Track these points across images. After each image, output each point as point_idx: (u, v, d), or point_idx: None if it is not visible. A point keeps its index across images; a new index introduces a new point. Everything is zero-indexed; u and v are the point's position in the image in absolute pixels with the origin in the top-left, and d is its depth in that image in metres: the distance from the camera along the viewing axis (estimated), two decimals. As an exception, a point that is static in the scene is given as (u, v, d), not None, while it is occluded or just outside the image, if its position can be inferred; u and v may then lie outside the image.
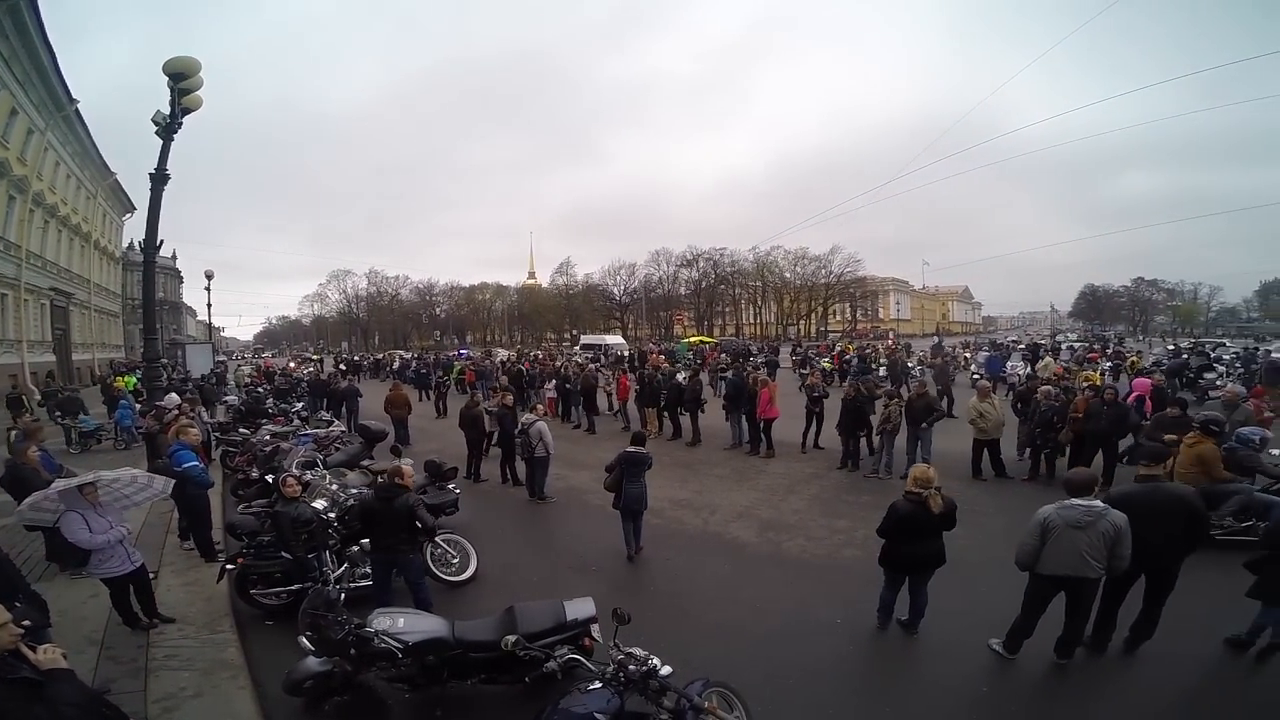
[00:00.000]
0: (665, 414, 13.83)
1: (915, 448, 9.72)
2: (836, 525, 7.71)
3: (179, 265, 62.29)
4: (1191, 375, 17.56)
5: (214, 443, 10.99)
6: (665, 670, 3.32)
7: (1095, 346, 29.20)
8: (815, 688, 4.40)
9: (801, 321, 76.42)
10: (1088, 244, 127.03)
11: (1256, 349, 22.61)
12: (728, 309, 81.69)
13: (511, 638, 3.60)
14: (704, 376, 16.64)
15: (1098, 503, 4.23)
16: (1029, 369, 18.52)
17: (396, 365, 31.50)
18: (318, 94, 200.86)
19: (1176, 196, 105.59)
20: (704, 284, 76.96)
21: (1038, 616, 4.48)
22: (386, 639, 3.84)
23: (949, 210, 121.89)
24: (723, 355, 27.19)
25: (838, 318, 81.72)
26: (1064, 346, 30.40)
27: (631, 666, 3.25)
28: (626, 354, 30.08)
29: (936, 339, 46.24)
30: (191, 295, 66.08)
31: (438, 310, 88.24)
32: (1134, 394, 10.38)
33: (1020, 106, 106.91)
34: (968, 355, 26.85)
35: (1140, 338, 55.85)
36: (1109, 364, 20.89)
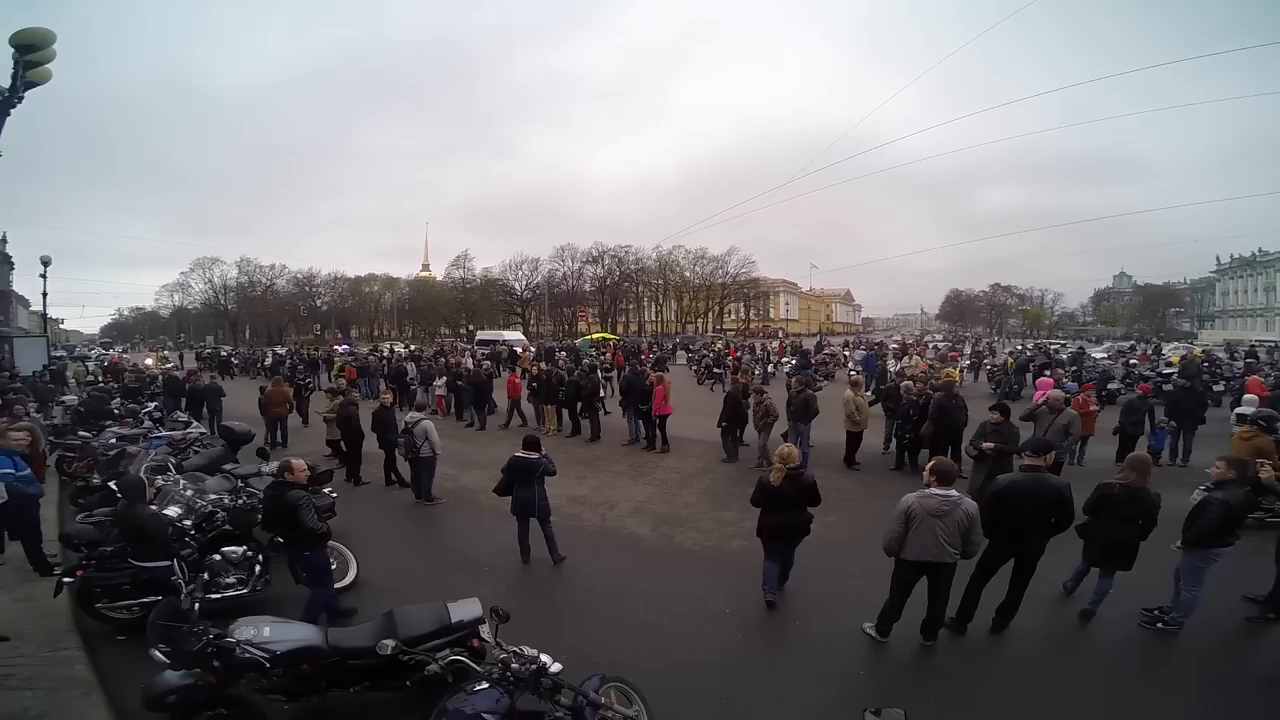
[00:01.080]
0: (565, 411, 13.78)
1: (796, 440, 10.25)
2: (724, 517, 8.01)
3: (9, 250, 54.08)
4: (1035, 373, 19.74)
5: (49, 447, 9.67)
6: (556, 667, 3.30)
7: (956, 346, 32.33)
8: (709, 677, 4.53)
9: (699, 320, 78.63)
10: (955, 251, 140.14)
11: (1083, 350, 26.07)
12: (631, 306, 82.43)
13: (389, 642, 3.46)
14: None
15: (954, 492, 4.55)
16: (897, 367, 20.14)
17: (269, 361, 29.09)
18: (201, 68, 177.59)
19: (1031, 209, 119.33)
20: (609, 281, 77.06)
21: (904, 600, 4.76)
22: (251, 649, 3.60)
23: (836, 217, 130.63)
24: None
25: (732, 317, 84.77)
26: (930, 346, 33.34)
27: (516, 665, 3.20)
28: (524, 351, 29.59)
29: (819, 338, 49.09)
30: (24, 283, 57.29)
31: (318, 302, 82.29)
32: (1040, 393, 10.65)
33: (902, 123, 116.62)
34: (847, 354, 28.81)
35: (997, 339, 62.37)
36: (968, 363, 23.20)
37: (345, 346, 41.78)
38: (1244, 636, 5.07)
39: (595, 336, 47.25)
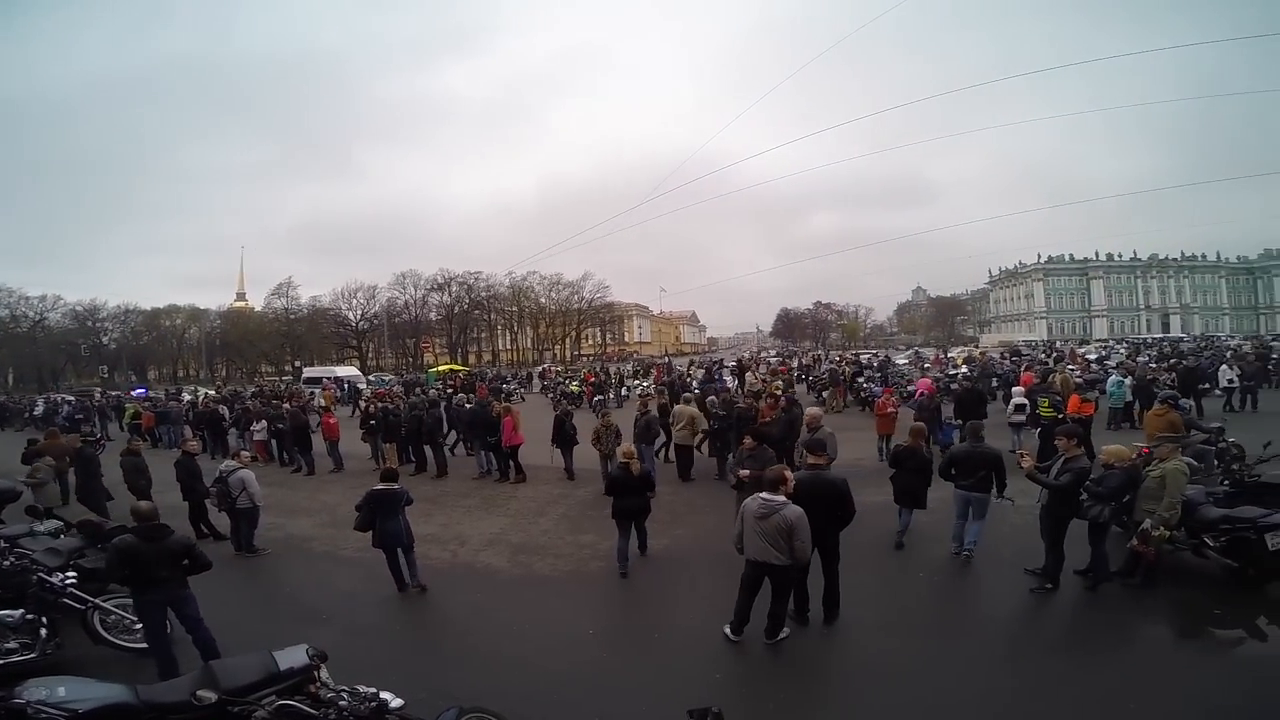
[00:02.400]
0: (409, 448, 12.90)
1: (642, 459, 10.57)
2: (583, 540, 8.00)
3: None
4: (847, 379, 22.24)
5: None
6: (396, 703, 3.20)
7: (785, 361, 35.45)
8: (577, 698, 4.49)
9: (556, 346, 78.56)
10: (785, 272, 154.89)
11: (889, 358, 29.92)
12: (483, 335, 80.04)
13: (208, 693, 3.19)
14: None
15: (778, 497, 4.76)
16: (736, 383, 21.58)
17: (39, 409, 24.22)
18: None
19: (847, 231, 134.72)
20: (457, 309, 74.16)
21: (751, 598, 4.97)
22: (46, 709, 3.20)
23: (682, 242, 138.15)
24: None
25: (589, 341, 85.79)
26: (763, 362, 36.18)
27: (347, 703, 3.08)
28: (361, 387, 27.55)
29: (665, 359, 51.06)
30: None
31: (104, 339, 69.95)
32: (919, 391, 13.63)
33: (741, 152, 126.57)
34: (690, 373, 30.38)
35: (821, 352, 69.24)
36: (797, 375, 25.59)
37: (142, 390, 35.79)
38: (1035, 607, 5.68)
39: (443, 368, 45.24)
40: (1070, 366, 20.50)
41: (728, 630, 5.13)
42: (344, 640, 5.23)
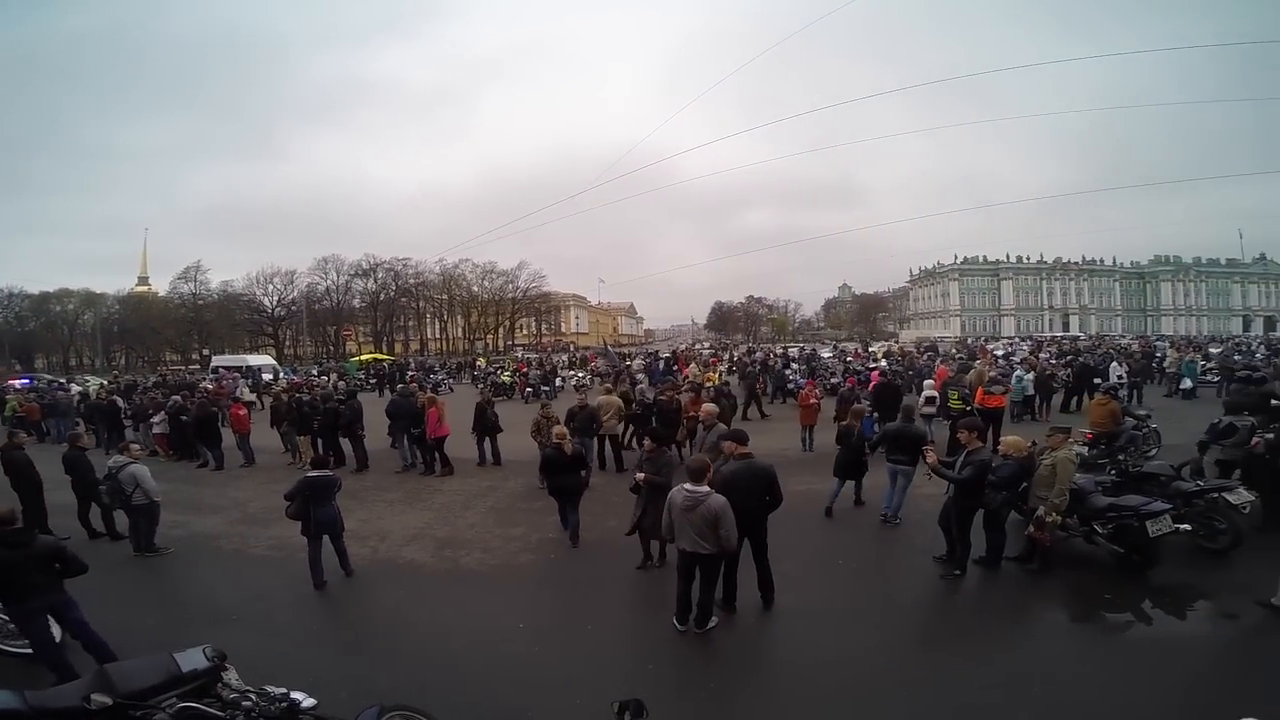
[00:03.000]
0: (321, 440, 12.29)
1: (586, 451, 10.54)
2: (512, 534, 7.86)
3: None
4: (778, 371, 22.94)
5: None
6: (309, 702, 3.08)
7: (718, 353, 36.18)
8: (508, 691, 4.41)
9: (489, 336, 76.93)
10: (720, 266, 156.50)
11: (815, 352, 31.07)
12: (410, 324, 77.32)
13: (102, 697, 3.00)
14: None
15: (702, 488, 4.84)
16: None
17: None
18: None
19: (780, 228, 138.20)
20: (383, 296, 71.19)
21: (688, 587, 5.03)
22: None
23: (622, 234, 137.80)
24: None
25: (524, 332, 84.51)
26: (698, 354, 36.80)
27: (253, 703, 2.98)
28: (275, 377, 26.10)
29: (606, 349, 50.99)
30: None
31: (-20, 325, 63.09)
32: (872, 382, 14.46)
33: (682, 145, 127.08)
34: (630, 364, 30.50)
35: (752, 345, 71.01)
36: (724, 368, 26.21)
37: (26, 380, 32.43)
38: (946, 593, 5.98)
39: (366, 357, 43.47)
40: (977, 362, 21.86)
41: (675, 621, 5.15)
42: (258, 641, 4.99)
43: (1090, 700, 4.13)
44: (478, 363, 37.46)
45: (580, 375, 25.91)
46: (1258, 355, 24.97)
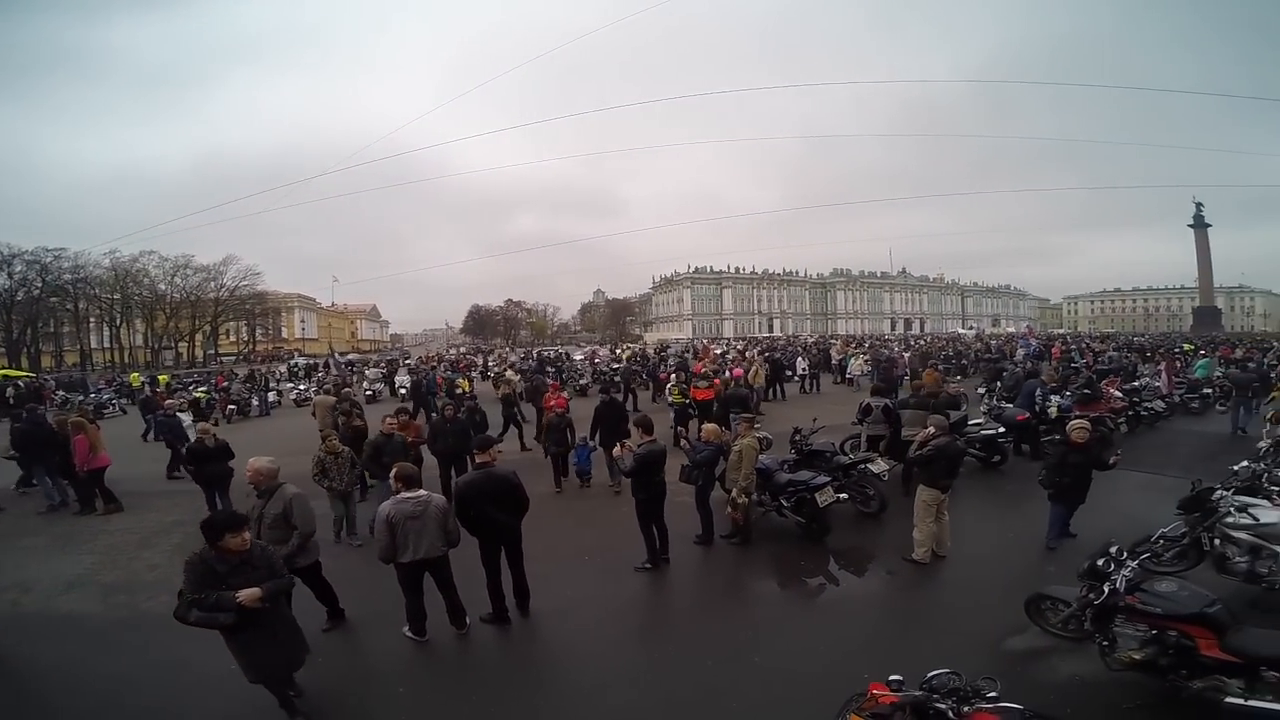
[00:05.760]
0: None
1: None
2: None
3: None
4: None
5: None
6: None
7: (471, 357, 35.25)
8: None
9: (184, 343, 63.37)
10: (480, 269, 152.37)
11: (568, 355, 32.09)
12: (65, 330, 59.77)
13: None
14: None
15: (424, 492, 4.83)
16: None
17: None
18: None
19: (542, 233, 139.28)
20: (21, 295, 53.49)
21: (420, 596, 4.90)
22: None
23: (369, 230, 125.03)
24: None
25: (231, 338, 71.68)
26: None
27: None
28: None
29: (333, 357, 45.10)
30: None
31: None
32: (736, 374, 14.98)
33: (428, 140, 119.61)
34: (367, 372, 27.89)
35: (510, 349, 70.36)
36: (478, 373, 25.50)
37: None
38: (674, 577, 6.31)
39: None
40: (697, 360, 24.72)
41: (410, 633, 4.99)
42: None
43: (801, 661, 4.57)
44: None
45: (303, 388, 22.67)
46: (883, 351, 32.11)
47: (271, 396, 21.20)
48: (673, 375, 15.05)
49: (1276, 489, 5.74)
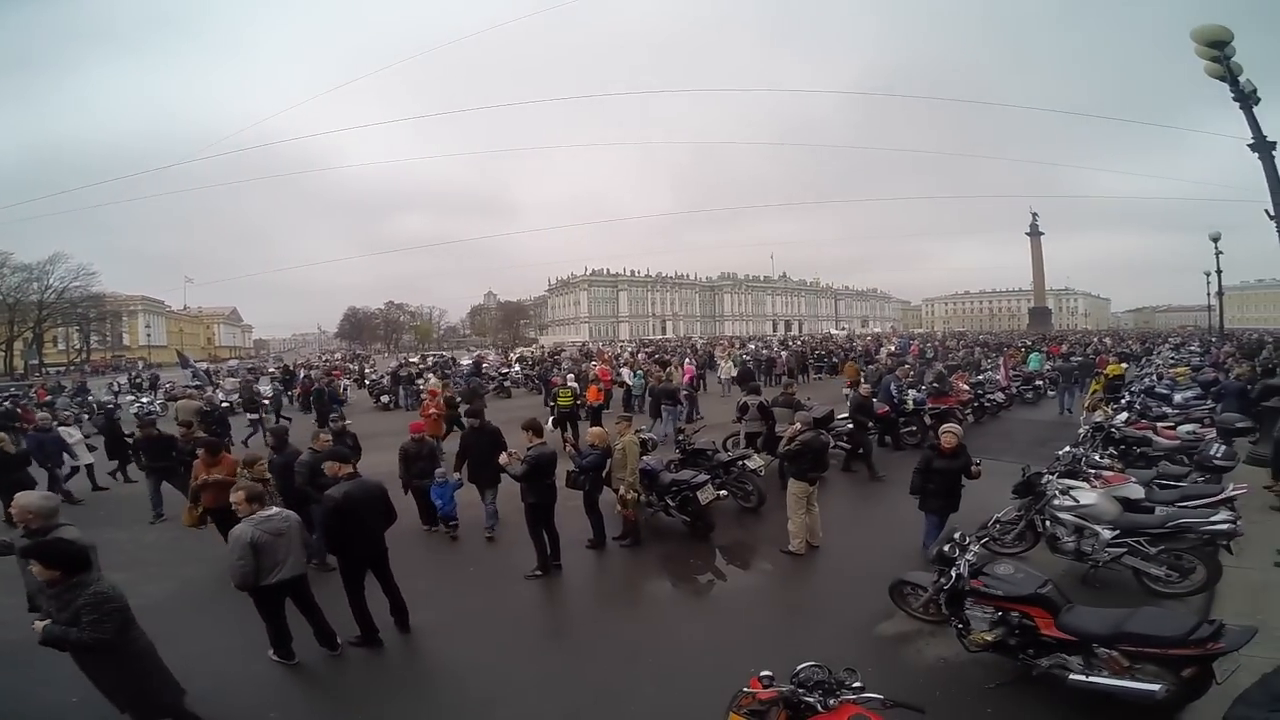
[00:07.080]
0: None
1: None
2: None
3: None
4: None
5: None
6: None
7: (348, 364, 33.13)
8: None
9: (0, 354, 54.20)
10: (355, 269, 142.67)
11: (454, 359, 30.91)
12: None
13: None
14: None
15: (284, 510, 4.71)
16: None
17: None
18: None
19: (429, 233, 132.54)
20: None
21: (283, 618, 4.68)
22: None
23: (232, 228, 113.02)
24: None
25: (60, 346, 62.40)
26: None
27: None
28: None
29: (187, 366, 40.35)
30: None
31: None
32: (687, 375, 16.73)
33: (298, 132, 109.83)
34: (224, 382, 25.41)
35: (389, 354, 66.61)
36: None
37: None
38: (567, 584, 6.28)
39: None
40: (596, 364, 24.74)
41: (275, 657, 4.75)
42: None
43: (694, 661, 4.62)
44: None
45: (144, 400, 20.13)
46: (764, 351, 33.79)
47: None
48: (567, 378, 14.87)
49: (1093, 471, 6.51)
